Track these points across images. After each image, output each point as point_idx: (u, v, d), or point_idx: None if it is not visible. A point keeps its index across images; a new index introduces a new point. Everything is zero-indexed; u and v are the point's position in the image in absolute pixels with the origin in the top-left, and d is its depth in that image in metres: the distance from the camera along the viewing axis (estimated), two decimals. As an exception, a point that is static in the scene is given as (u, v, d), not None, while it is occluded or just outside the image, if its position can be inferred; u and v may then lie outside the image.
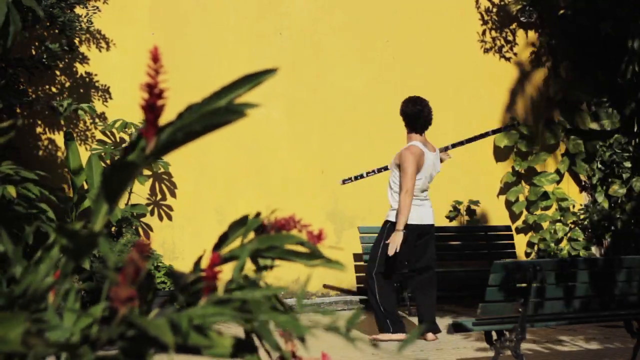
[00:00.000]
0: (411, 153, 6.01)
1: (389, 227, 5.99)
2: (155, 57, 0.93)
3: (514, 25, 9.17)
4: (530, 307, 4.23)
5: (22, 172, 5.37)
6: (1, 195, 5.13)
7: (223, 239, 1.04)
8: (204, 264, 1.02)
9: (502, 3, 9.11)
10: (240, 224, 1.06)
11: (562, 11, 8.88)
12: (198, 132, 0.92)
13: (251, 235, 1.06)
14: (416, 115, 6.04)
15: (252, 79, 0.95)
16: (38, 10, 5.25)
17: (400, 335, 5.86)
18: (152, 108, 0.93)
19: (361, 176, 6.67)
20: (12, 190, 5.19)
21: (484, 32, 9.08)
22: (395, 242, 5.82)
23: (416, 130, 6.10)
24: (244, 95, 0.97)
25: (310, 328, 0.94)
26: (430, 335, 5.95)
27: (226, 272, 1.05)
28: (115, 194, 0.94)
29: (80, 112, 7.07)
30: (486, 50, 9.07)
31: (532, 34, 9.23)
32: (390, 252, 5.83)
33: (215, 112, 0.91)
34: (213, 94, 0.95)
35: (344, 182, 6.74)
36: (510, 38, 9.17)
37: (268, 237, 1.03)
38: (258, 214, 1.07)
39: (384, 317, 5.92)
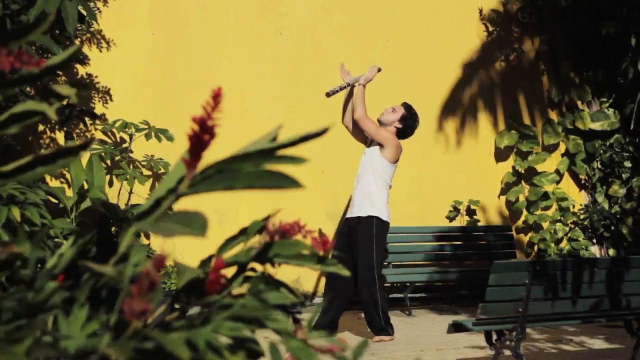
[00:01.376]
0: (398, 140, 6.12)
1: (377, 225, 5.91)
2: (216, 96, 0.94)
3: (514, 25, 9.17)
4: (530, 307, 4.23)
5: (28, 194, 5.38)
6: (6, 216, 5.15)
7: (229, 242, 1.04)
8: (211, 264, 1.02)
9: (503, 3, 9.11)
10: (252, 228, 1.06)
11: (563, 10, 8.88)
12: (243, 188, 0.92)
13: (256, 238, 1.06)
14: (412, 131, 6.30)
15: (307, 139, 0.97)
16: (53, 47, 5.27)
17: (393, 337, 5.92)
18: (199, 141, 0.93)
19: (346, 86, 6.38)
20: (16, 213, 5.21)
21: (484, 32, 9.08)
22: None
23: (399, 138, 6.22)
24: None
25: (318, 354, 0.95)
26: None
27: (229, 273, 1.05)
28: (144, 229, 0.95)
29: (87, 119, 7.11)
30: (486, 51, 9.07)
31: (532, 34, 9.23)
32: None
33: (269, 176, 0.91)
34: (266, 150, 0.94)
35: (330, 94, 6.33)
36: (510, 38, 9.17)
37: (275, 245, 1.03)
38: (268, 217, 1.07)
39: (382, 321, 5.90)
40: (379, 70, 6.32)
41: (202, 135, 0.94)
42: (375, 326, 5.91)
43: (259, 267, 1.06)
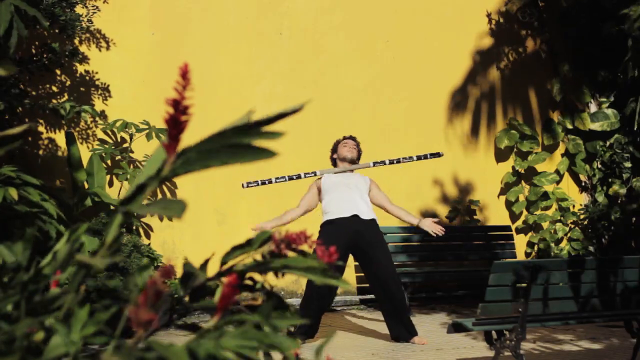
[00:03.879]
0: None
1: None
2: (184, 73, 0.94)
3: (514, 25, 9.17)
4: (530, 307, 4.23)
5: (23, 177, 5.39)
6: (3, 197, 5.15)
7: (234, 250, 1.04)
8: (210, 267, 1.02)
9: (503, 3, 9.11)
10: (258, 238, 1.06)
11: (563, 10, 8.88)
12: (220, 164, 0.92)
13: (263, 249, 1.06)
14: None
15: (282, 117, 0.96)
16: (43, 20, 5.28)
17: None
18: (176, 123, 0.93)
19: (269, 181, 6.27)
20: (13, 193, 5.21)
21: (484, 33, 9.08)
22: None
23: None
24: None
25: None
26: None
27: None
28: (131, 213, 0.95)
29: (83, 114, 7.08)
30: (486, 51, 9.07)
31: (532, 34, 9.23)
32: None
33: (243, 148, 0.91)
34: (242, 127, 0.94)
35: (247, 185, 6.19)
36: (510, 38, 9.17)
37: (285, 260, 1.03)
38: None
39: (410, 320, 5.95)
40: None
41: (178, 117, 0.94)
42: (409, 328, 5.90)
43: (258, 277, 1.06)
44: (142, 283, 0.94)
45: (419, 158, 6.50)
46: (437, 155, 6.45)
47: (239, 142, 0.91)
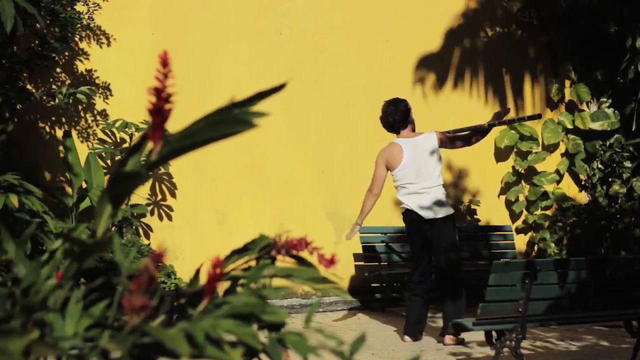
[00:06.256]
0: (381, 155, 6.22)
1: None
2: (164, 62, 0.93)
3: (514, 25, 9.17)
4: (530, 307, 4.23)
5: (25, 185, 5.39)
6: (4, 204, 5.14)
7: (235, 254, 1.04)
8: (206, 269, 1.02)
9: (503, 3, 9.10)
10: (258, 242, 1.06)
11: (563, 10, 8.88)
12: (205, 141, 0.92)
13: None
14: (385, 123, 6.38)
15: (263, 95, 0.96)
16: (40, 19, 5.29)
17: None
18: (159, 112, 0.93)
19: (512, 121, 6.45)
20: (14, 200, 5.21)
21: (484, 32, 9.08)
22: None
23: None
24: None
25: (316, 349, 0.95)
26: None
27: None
28: (119, 198, 0.94)
29: (79, 95, 7.00)
30: (487, 50, 9.07)
31: (532, 34, 9.23)
32: None
33: (223, 122, 0.92)
34: (223, 108, 0.95)
35: (490, 125, 6.27)
36: (510, 38, 9.17)
37: (286, 269, 1.03)
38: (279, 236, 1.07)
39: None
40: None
41: (161, 106, 0.94)
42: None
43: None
44: (132, 270, 0.94)
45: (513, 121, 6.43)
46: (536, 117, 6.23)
47: (217, 119, 0.92)
